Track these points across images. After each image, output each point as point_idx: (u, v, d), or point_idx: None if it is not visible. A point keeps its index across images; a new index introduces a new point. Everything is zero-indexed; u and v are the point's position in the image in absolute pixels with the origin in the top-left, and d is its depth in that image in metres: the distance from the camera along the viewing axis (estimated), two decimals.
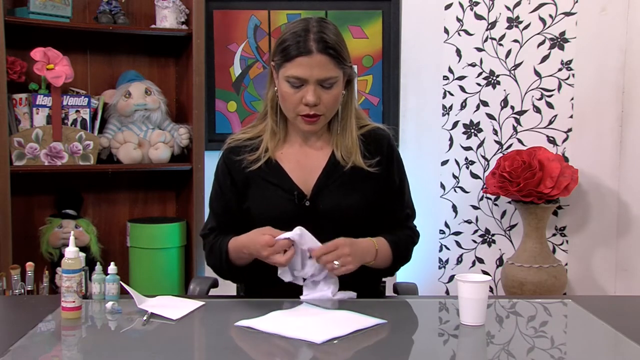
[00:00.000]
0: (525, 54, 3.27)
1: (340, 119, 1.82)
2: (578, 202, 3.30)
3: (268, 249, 1.67)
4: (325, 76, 1.72)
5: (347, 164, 1.81)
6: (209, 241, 1.88)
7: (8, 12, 2.72)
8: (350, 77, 1.81)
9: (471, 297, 1.52)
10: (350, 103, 1.83)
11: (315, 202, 1.80)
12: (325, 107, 1.75)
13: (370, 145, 1.85)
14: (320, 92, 1.73)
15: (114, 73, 3.08)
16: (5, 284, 1.88)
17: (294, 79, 1.72)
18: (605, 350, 1.48)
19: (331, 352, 1.39)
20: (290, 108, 1.76)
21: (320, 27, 1.73)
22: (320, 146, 1.85)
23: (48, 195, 3.01)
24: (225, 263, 1.81)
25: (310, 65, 1.71)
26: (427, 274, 3.31)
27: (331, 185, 1.81)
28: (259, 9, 3.30)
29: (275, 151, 1.84)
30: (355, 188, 1.81)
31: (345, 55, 1.76)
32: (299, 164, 1.84)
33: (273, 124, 1.84)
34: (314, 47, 1.70)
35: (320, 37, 1.71)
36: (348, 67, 1.78)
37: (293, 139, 1.86)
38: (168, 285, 2.97)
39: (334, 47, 1.72)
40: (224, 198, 1.87)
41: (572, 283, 3.32)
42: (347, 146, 1.82)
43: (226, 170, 1.86)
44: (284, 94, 1.75)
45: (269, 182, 1.82)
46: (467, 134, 3.31)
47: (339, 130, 1.82)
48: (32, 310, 1.63)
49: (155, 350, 1.41)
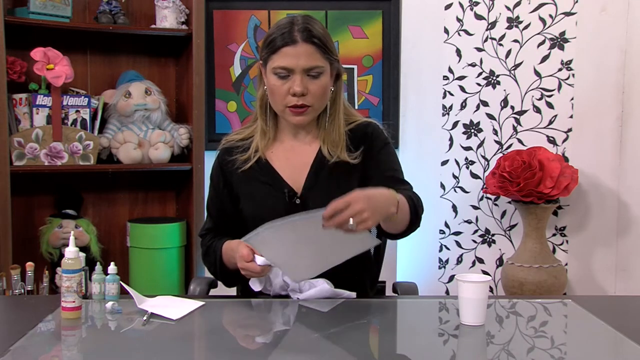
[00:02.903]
0: (525, 54, 3.27)
1: (329, 115, 1.82)
2: (578, 202, 3.30)
3: (243, 262, 1.66)
4: (311, 65, 1.73)
5: (332, 159, 1.80)
6: (205, 242, 1.89)
7: (8, 12, 2.72)
8: (338, 72, 1.82)
9: (471, 297, 1.52)
10: (339, 99, 1.84)
11: (305, 200, 1.80)
12: (312, 97, 1.75)
13: (356, 139, 1.84)
14: (307, 81, 1.74)
15: (114, 73, 3.08)
16: (5, 284, 1.88)
17: (280, 70, 1.73)
18: (605, 350, 1.48)
19: (329, 351, 1.39)
20: (278, 100, 1.77)
21: (305, 20, 1.77)
22: (309, 142, 1.86)
23: (48, 195, 3.01)
24: (219, 267, 1.83)
25: (296, 54, 1.72)
26: (427, 274, 3.31)
27: (320, 182, 1.81)
28: (259, 9, 3.30)
29: (265, 150, 1.84)
30: (341, 182, 1.80)
31: (332, 47, 1.78)
32: (288, 161, 1.84)
33: (262, 123, 1.85)
34: (299, 37, 1.73)
35: (304, 27, 1.74)
36: (335, 60, 1.79)
37: (283, 137, 1.87)
38: (168, 285, 2.97)
39: (319, 37, 1.74)
40: (218, 199, 1.89)
41: (572, 283, 3.32)
42: (333, 140, 1.81)
43: (219, 172, 1.88)
44: (272, 86, 1.76)
45: (260, 181, 1.83)
46: (467, 134, 3.31)
47: (327, 125, 1.83)
48: (32, 310, 1.63)
49: (155, 350, 1.41)
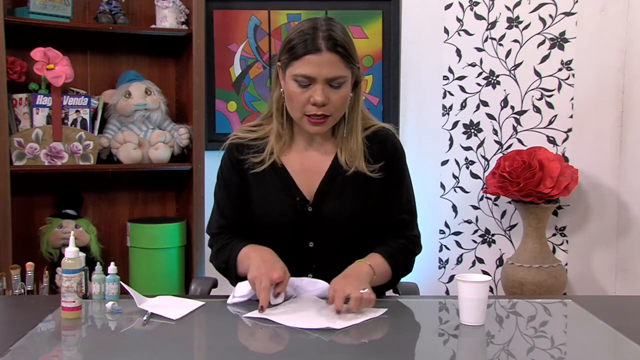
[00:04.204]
0: (525, 54, 3.27)
1: (347, 122, 1.77)
2: (578, 202, 3.30)
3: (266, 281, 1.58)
4: (334, 75, 1.67)
5: (350, 169, 1.77)
6: (220, 241, 1.84)
7: (8, 12, 2.72)
8: (357, 79, 1.77)
9: (471, 297, 1.52)
10: (357, 106, 1.79)
11: (317, 208, 1.78)
12: (333, 107, 1.70)
13: (374, 149, 1.81)
14: (328, 91, 1.68)
15: (114, 73, 3.08)
16: (5, 284, 1.88)
17: (302, 78, 1.68)
18: (605, 350, 1.48)
19: (330, 351, 1.39)
20: (297, 108, 1.71)
21: (328, 26, 1.69)
22: (324, 150, 1.82)
23: (48, 195, 3.01)
24: (232, 270, 1.78)
25: (319, 63, 1.66)
26: (427, 274, 3.31)
27: (333, 191, 1.78)
28: (259, 9, 3.30)
29: (280, 154, 1.80)
30: (357, 193, 1.78)
31: (354, 55, 1.72)
32: (303, 167, 1.81)
33: (279, 127, 1.79)
34: (323, 45, 1.66)
35: (329, 35, 1.67)
36: (356, 68, 1.73)
37: (298, 142, 1.82)
38: (168, 285, 2.96)
39: (343, 45, 1.68)
40: (232, 194, 1.83)
41: (572, 283, 3.32)
42: (351, 150, 1.78)
43: (231, 167, 1.83)
44: (291, 93, 1.70)
45: (273, 185, 1.80)
46: (467, 134, 3.32)
47: (345, 134, 1.78)
48: (32, 310, 1.63)
49: (155, 350, 1.41)
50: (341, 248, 1.80)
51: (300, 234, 1.79)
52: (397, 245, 1.81)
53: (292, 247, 1.78)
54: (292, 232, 1.78)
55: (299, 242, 1.79)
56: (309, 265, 1.79)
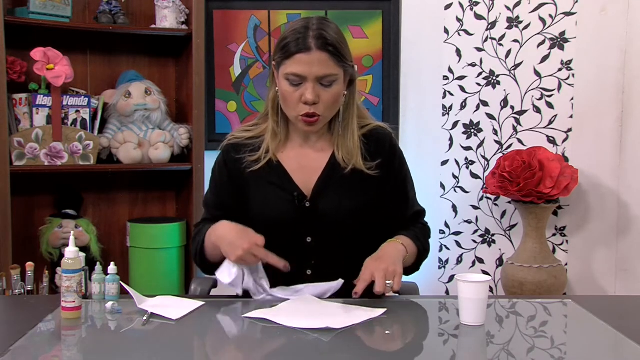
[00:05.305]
0: (525, 54, 3.27)
1: (342, 120, 1.80)
2: (578, 202, 3.30)
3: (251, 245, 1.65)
4: (324, 73, 1.70)
5: (347, 167, 1.80)
6: (197, 229, 1.87)
7: (8, 12, 2.73)
8: (352, 77, 1.79)
9: (471, 297, 1.52)
10: (352, 104, 1.82)
11: (315, 204, 1.79)
12: (324, 106, 1.72)
13: (371, 147, 1.83)
14: (319, 90, 1.71)
15: (114, 73, 3.08)
16: (5, 284, 1.88)
17: (293, 77, 1.71)
18: (605, 350, 1.47)
19: (330, 351, 1.39)
20: (290, 107, 1.74)
21: (320, 25, 1.72)
22: (321, 147, 1.84)
23: (48, 195, 3.01)
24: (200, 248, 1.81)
25: (310, 62, 1.69)
26: (427, 274, 3.31)
27: (331, 187, 1.80)
28: (259, 9, 3.30)
29: (276, 152, 1.82)
30: (355, 190, 1.80)
31: (346, 54, 1.74)
32: (299, 165, 1.83)
33: (274, 125, 1.82)
34: (313, 44, 1.69)
35: (319, 34, 1.69)
36: (349, 66, 1.76)
37: (294, 139, 1.85)
38: (168, 285, 2.97)
39: (334, 44, 1.70)
40: (219, 193, 1.87)
41: (572, 283, 3.32)
42: (348, 147, 1.80)
43: (224, 166, 1.86)
44: (284, 92, 1.74)
45: (270, 182, 1.81)
46: (467, 134, 3.32)
47: (340, 132, 1.81)
48: (32, 310, 1.63)
49: (155, 350, 1.41)
50: (339, 244, 1.81)
51: (298, 230, 1.80)
52: (417, 229, 1.89)
53: (290, 243, 1.79)
54: (290, 228, 1.79)
55: (296, 238, 1.80)
56: (307, 261, 1.80)
